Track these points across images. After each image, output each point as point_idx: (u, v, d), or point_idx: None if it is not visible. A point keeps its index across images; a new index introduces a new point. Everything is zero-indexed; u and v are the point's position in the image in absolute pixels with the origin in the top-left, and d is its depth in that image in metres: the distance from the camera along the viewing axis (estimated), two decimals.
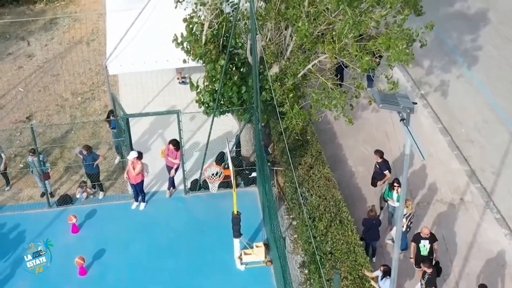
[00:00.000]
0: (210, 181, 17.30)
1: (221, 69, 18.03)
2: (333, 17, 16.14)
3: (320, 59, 17.61)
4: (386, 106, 10.68)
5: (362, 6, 16.15)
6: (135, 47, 20.09)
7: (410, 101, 10.93)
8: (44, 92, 23.02)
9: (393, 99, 10.64)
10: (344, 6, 15.39)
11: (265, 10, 17.68)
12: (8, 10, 27.17)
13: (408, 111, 10.70)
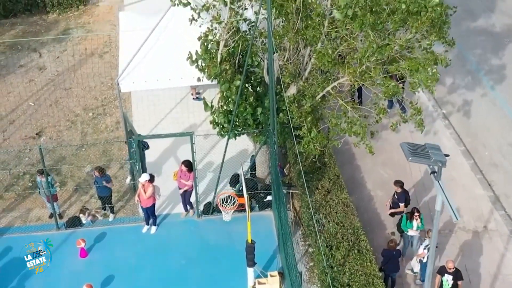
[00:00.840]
0: (223, 209, 16.64)
1: (237, 89, 17.38)
2: (354, 40, 15.41)
3: (340, 81, 16.92)
4: (415, 159, 9.95)
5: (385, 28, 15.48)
6: (148, 64, 19.50)
7: (441, 153, 10.19)
8: (55, 107, 22.47)
9: (423, 151, 9.89)
10: (367, 30, 14.68)
11: (283, 29, 17.01)
12: (20, 20, 26.66)
13: (440, 165, 9.93)
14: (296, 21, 16.53)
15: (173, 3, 17.71)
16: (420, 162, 10.23)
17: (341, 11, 14.41)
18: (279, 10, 16.61)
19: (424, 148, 10.19)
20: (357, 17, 14.56)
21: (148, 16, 20.90)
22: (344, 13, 14.41)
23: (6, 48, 25.13)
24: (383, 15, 14.79)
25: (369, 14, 14.51)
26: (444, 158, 10.21)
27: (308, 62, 17.81)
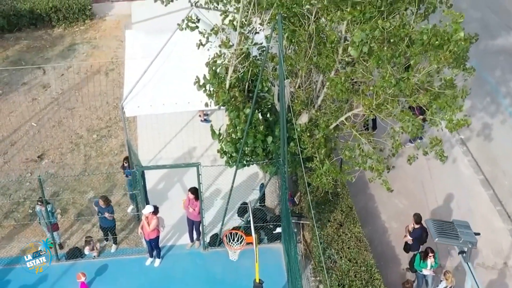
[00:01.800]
0: (230, 249, 15.80)
1: (246, 118, 16.59)
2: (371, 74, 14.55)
3: (354, 112, 16.09)
4: (443, 240, 9.01)
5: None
6: (154, 87, 18.72)
7: (471, 232, 9.24)
8: (58, 128, 21.72)
9: (451, 230, 8.95)
10: (385, 65, 13.82)
11: (295, 56, 16.19)
12: (25, 35, 25.92)
13: (470, 246, 8.99)
14: (308, 49, 15.72)
15: (180, 28, 16.98)
16: (448, 243, 9.23)
17: (356, 48, 13.55)
18: (291, 36, 15.81)
19: (452, 226, 9.19)
20: (373, 52, 13.71)
21: (156, 36, 20.10)
22: (359, 50, 13.56)
23: (9, 64, 24.42)
24: (401, 47, 13.95)
25: (386, 48, 13.66)
26: (475, 238, 9.22)
27: (321, 90, 17.01)
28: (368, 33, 13.42)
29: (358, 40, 13.22)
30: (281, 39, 14.77)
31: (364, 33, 13.40)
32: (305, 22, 15.97)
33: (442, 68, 14.43)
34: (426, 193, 19.49)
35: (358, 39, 13.22)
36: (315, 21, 15.83)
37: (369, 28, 13.48)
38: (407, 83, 14.01)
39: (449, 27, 13.51)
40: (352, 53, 13.64)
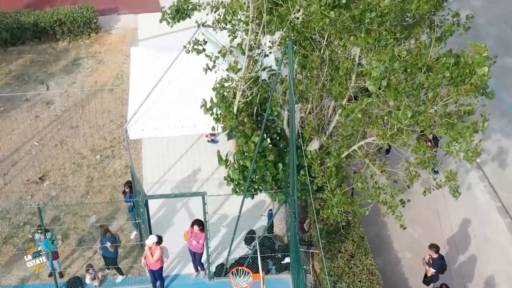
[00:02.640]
0: (236, 287, 15.11)
1: (255, 146, 15.89)
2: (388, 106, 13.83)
3: (367, 141, 15.38)
4: None
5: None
6: (159, 109, 18.10)
7: None
8: (61, 147, 21.08)
9: None
10: (403, 98, 13.08)
11: (306, 82, 15.48)
12: (28, 48, 25.27)
13: None
14: (321, 76, 15.02)
15: (187, 50, 16.30)
16: None
17: (374, 83, 12.83)
18: (303, 62, 15.11)
19: None
20: (391, 85, 12.99)
21: (162, 54, 19.49)
22: (378, 85, 12.83)
23: (12, 79, 23.79)
24: (419, 77, 13.25)
25: (404, 81, 12.94)
26: None
27: (332, 116, 16.31)
28: (387, 66, 12.72)
29: (376, 74, 12.51)
30: (291, 66, 14.09)
31: (383, 66, 12.70)
32: (317, 46, 15.30)
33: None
34: (441, 221, 18.77)
35: (377, 73, 12.50)
36: (327, 44, 15.17)
37: (388, 59, 12.78)
38: (424, 116, 13.30)
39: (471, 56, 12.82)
40: (371, 88, 12.93)
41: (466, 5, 25.33)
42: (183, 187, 19.74)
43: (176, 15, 16.22)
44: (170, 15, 16.22)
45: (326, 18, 13.04)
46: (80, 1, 27.22)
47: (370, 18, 12.74)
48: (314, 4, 13.02)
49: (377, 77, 12.58)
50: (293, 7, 14.85)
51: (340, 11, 12.93)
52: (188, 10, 16.29)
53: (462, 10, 15.68)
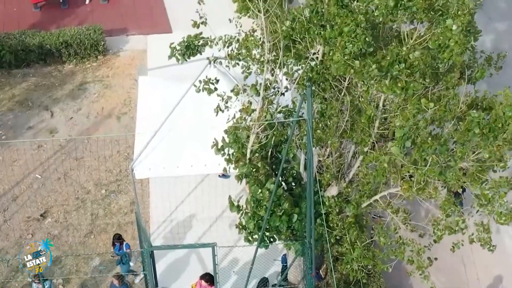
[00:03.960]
0: None
1: (270, 194, 14.79)
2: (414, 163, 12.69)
3: (391, 191, 14.28)
4: None
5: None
6: (167, 147, 17.11)
7: None
8: (64, 181, 20.06)
9: None
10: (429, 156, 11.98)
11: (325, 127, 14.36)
12: (33, 71, 24.22)
13: None
14: (341, 123, 13.91)
15: (197, 89, 15.23)
16: None
17: (398, 144, 11.75)
18: (322, 110, 14.01)
19: None
20: (416, 144, 11.91)
21: (172, 85, 18.51)
22: (402, 146, 11.75)
23: (16, 105, 22.78)
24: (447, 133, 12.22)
25: (430, 139, 11.83)
26: None
27: (353, 161, 15.19)
28: (412, 126, 11.66)
29: (400, 135, 11.46)
30: (310, 114, 13.02)
31: (408, 125, 11.65)
32: (337, 88, 14.22)
33: None
34: (466, 269, 17.67)
35: (401, 134, 11.44)
36: (348, 87, 14.08)
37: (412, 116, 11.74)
38: (453, 173, 12.20)
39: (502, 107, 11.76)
40: (393, 151, 11.86)
41: (490, 29, 24.12)
42: (191, 226, 18.71)
43: (186, 52, 15.11)
44: (180, 52, 15.11)
45: (351, 68, 11.96)
46: (88, 21, 26.25)
47: (398, 71, 11.64)
48: (337, 53, 11.92)
49: (401, 138, 11.54)
50: (311, 46, 13.77)
51: (366, 61, 11.83)
52: (199, 46, 15.20)
53: (486, 34, 14.51)
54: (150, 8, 27.18)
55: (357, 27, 11.61)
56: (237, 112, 15.38)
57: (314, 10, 12.88)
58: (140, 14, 26.88)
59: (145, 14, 26.81)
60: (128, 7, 27.35)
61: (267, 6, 13.43)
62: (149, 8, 27.21)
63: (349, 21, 11.60)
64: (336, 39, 12.06)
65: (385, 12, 11.72)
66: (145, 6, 27.29)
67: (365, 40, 11.58)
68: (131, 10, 27.18)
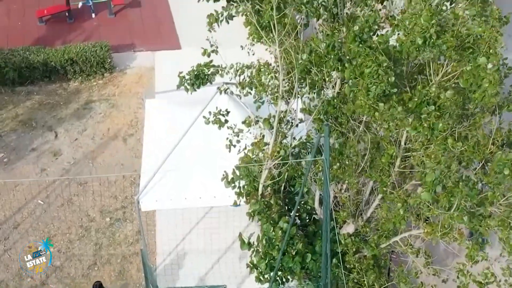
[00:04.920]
0: None
1: (283, 233, 13.99)
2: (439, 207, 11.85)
3: (412, 233, 13.46)
4: None
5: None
6: (174, 178, 16.37)
7: None
8: (68, 207, 19.29)
9: None
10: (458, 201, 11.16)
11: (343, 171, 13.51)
12: (37, 88, 23.47)
13: None
14: (360, 163, 13.08)
15: (207, 122, 14.44)
16: None
17: (428, 190, 10.93)
18: (340, 147, 13.20)
19: None
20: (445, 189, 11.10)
21: (180, 111, 17.73)
22: (432, 191, 10.94)
23: (19, 124, 22.01)
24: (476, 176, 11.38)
25: (461, 183, 11.01)
26: None
27: (371, 199, 14.36)
28: (444, 170, 10.85)
29: (431, 179, 10.63)
30: (327, 154, 12.19)
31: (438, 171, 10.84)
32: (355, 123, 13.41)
33: None
34: None
35: (431, 178, 10.62)
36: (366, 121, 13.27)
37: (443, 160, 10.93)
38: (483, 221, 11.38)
39: None
40: (423, 197, 11.07)
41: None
42: (199, 257, 17.89)
43: (196, 81, 14.33)
44: (189, 81, 14.32)
45: (375, 111, 11.13)
46: (95, 36, 25.50)
47: (427, 113, 10.82)
48: (360, 96, 11.08)
49: (432, 182, 10.71)
50: (328, 76, 12.97)
51: (391, 103, 10.99)
52: (209, 75, 14.40)
53: (507, 52, 13.58)
54: (158, 22, 26.40)
55: (379, 67, 10.77)
56: (248, 145, 14.60)
57: (331, 45, 12.06)
58: (148, 28, 26.10)
59: (153, 28, 26.03)
60: (135, 21, 26.58)
61: (282, 37, 12.64)
62: (157, 22, 26.43)
63: (370, 62, 10.74)
64: (356, 79, 11.22)
65: (411, 49, 10.86)
66: (153, 20, 26.51)
67: (389, 81, 10.74)
68: (138, 24, 26.40)
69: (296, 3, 12.16)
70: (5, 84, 23.33)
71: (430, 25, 10.47)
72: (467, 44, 10.90)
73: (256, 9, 12.88)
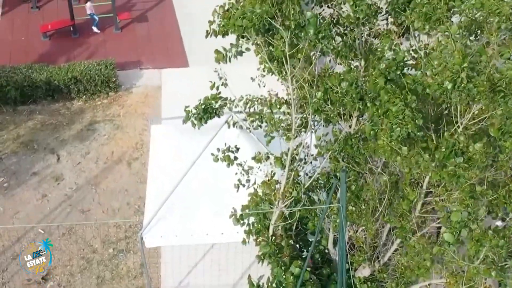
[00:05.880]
0: None
1: (295, 279, 13.12)
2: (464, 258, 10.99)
3: (433, 282, 12.57)
4: None
5: None
6: (180, 213, 15.57)
7: None
8: (69, 237, 18.48)
9: None
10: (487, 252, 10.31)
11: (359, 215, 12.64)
12: (40, 108, 22.70)
13: None
14: (377, 206, 12.21)
15: (215, 159, 13.56)
16: None
17: (452, 231, 10.06)
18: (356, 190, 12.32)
19: None
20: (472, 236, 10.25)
21: (188, 139, 16.88)
22: (457, 234, 10.07)
23: (20, 146, 21.23)
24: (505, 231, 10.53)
25: (490, 232, 10.16)
26: None
27: (388, 242, 13.48)
28: (471, 212, 10.01)
29: (457, 219, 9.80)
30: (344, 199, 11.33)
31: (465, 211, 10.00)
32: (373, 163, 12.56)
33: None
34: None
35: (457, 219, 9.79)
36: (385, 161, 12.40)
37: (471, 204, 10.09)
38: None
39: None
40: (446, 238, 10.20)
41: None
42: None
43: (204, 116, 13.45)
44: (196, 116, 13.45)
45: (397, 155, 10.27)
46: (100, 52, 24.75)
47: (455, 165, 9.94)
48: (383, 136, 10.21)
49: (457, 224, 9.87)
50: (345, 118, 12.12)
51: (416, 149, 10.13)
52: (218, 109, 13.53)
53: None
54: (165, 38, 25.63)
55: (406, 107, 9.90)
56: (259, 184, 13.74)
57: (354, 83, 11.18)
58: (155, 44, 25.36)
59: (160, 45, 25.30)
60: (142, 37, 25.84)
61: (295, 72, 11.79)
62: (165, 38, 25.67)
63: (398, 100, 9.87)
64: (380, 118, 10.34)
65: (439, 92, 9.99)
66: (161, 36, 25.76)
67: (416, 123, 9.87)
68: (145, 40, 25.66)
69: (310, 38, 11.27)
70: (6, 103, 22.61)
71: (461, 69, 9.58)
72: (498, 88, 10.01)
73: (267, 42, 12.04)
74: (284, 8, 11.27)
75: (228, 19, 11.83)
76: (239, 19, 11.38)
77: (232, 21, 11.63)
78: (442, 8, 10.30)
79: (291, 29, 11.23)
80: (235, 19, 11.47)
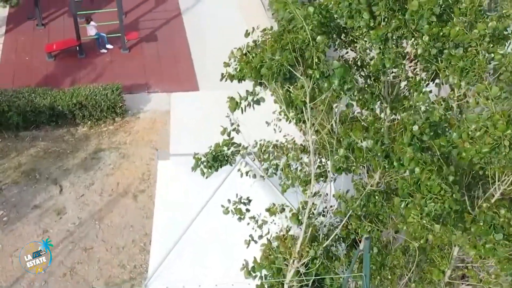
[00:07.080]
0: None
1: None
2: None
3: None
4: None
5: None
6: (187, 261, 14.54)
7: None
8: (70, 278, 17.46)
9: None
10: None
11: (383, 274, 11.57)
12: (43, 134, 21.72)
13: None
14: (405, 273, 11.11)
15: (225, 211, 12.50)
16: None
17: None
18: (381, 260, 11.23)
19: None
20: None
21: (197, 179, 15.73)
22: None
23: (21, 176, 20.25)
24: None
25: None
26: None
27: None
28: None
29: None
30: (367, 269, 10.24)
31: None
32: None
33: None
34: None
35: None
36: None
37: None
38: None
39: None
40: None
41: None
42: None
43: (214, 164, 12.38)
44: (206, 163, 12.38)
45: (428, 233, 9.17)
46: (106, 73, 23.77)
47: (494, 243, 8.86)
48: (413, 211, 9.10)
49: None
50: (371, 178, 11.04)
51: (449, 226, 9.03)
52: (229, 157, 12.46)
53: None
54: (175, 60, 24.63)
55: (443, 180, 8.79)
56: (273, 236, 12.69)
57: (379, 141, 10.08)
58: (164, 66, 24.35)
59: (169, 66, 24.29)
60: (151, 58, 24.85)
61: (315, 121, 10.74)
62: (174, 59, 24.66)
63: (433, 175, 8.75)
64: (411, 189, 9.24)
65: (476, 159, 8.88)
66: (170, 57, 24.76)
67: (454, 199, 8.76)
68: (154, 62, 24.66)
69: (333, 90, 10.18)
70: (8, 129, 21.66)
71: (504, 136, 8.48)
72: None
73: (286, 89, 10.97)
74: (308, 55, 10.16)
75: (245, 64, 10.73)
76: (257, 67, 10.29)
77: (249, 66, 10.54)
78: (481, 63, 9.17)
79: (314, 78, 10.15)
80: (252, 67, 10.38)
